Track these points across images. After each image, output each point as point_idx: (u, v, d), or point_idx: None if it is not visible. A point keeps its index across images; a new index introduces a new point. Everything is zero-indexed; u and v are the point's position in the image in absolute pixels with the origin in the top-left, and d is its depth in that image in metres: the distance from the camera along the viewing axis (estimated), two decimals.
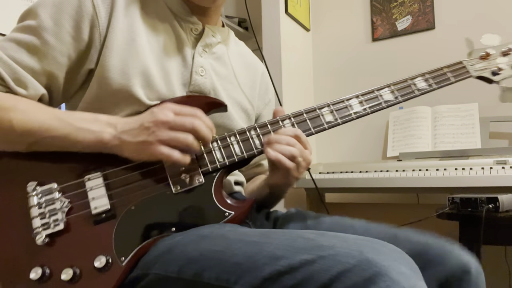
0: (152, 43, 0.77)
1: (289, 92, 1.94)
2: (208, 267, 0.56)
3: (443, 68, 0.85)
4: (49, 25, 0.70)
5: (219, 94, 0.83)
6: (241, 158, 0.72)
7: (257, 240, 0.56)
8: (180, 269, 0.58)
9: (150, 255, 0.63)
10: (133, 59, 0.73)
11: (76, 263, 0.63)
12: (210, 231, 0.63)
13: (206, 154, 0.71)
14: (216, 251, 0.57)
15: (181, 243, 0.62)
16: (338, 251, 0.49)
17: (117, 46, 0.73)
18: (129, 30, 0.74)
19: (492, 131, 1.67)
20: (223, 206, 0.70)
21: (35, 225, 0.65)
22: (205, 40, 0.82)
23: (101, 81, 0.73)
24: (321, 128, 0.76)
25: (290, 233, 0.57)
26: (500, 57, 0.88)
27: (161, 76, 0.75)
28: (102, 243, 0.65)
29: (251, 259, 0.53)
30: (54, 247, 0.65)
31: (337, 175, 1.61)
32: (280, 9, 1.95)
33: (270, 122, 0.75)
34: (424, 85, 0.82)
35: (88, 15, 0.71)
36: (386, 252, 0.50)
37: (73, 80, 0.75)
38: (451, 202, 1.24)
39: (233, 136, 0.73)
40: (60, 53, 0.71)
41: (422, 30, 1.92)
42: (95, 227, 0.66)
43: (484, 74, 0.87)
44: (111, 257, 0.64)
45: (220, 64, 0.86)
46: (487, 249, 1.27)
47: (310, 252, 0.51)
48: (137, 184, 0.69)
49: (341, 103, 0.78)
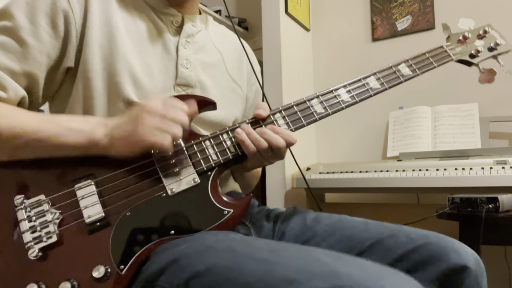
0: (134, 39, 0.76)
1: (289, 92, 1.94)
2: (217, 284, 0.54)
3: (425, 53, 0.86)
4: (25, 25, 0.68)
5: (206, 87, 0.83)
6: (235, 155, 0.72)
7: (268, 259, 0.54)
8: (186, 283, 0.56)
9: (154, 266, 0.61)
10: (115, 57, 0.72)
11: (73, 276, 0.61)
12: (215, 240, 0.61)
13: (200, 153, 0.70)
14: (224, 267, 0.55)
15: (186, 254, 0.59)
16: (355, 281, 0.47)
17: (97, 44, 0.72)
18: (107, 26, 0.73)
19: (492, 131, 1.67)
20: (221, 205, 0.68)
21: (26, 239, 0.62)
22: (186, 31, 0.82)
23: (85, 81, 0.72)
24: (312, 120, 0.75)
25: (302, 251, 0.55)
26: (477, 40, 0.91)
27: (146, 73, 0.75)
28: (99, 252, 0.62)
29: (262, 279, 0.51)
30: (48, 261, 0.62)
31: (337, 175, 1.61)
32: (280, 9, 1.95)
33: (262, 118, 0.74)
34: (408, 71, 0.83)
35: (63, 11, 0.70)
36: (406, 287, 0.48)
37: (53, 79, 0.74)
38: (451, 202, 1.24)
39: (226, 133, 0.73)
40: (39, 52, 0.69)
41: (422, 30, 1.92)
42: (90, 237, 0.63)
43: (463, 57, 0.89)
44: (110, 266, 0.61)
45: (205, 52, 0.86)
46: (487, 249, 1.27)
47: (325, 279, 0.48)
48: (131, 189, 0.67)
49: (330, 93, 0.78)
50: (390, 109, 1.89)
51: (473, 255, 0.67)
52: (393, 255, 0.68)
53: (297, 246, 0.59)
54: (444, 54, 0.87)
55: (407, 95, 1.86)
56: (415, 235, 0.69)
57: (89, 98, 0.72)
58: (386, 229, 0.72)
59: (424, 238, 0.68)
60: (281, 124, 0.74)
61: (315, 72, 2.23)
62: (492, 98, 1.72)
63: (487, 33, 0.91)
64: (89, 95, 0.72)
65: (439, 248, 0.66)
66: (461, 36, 0.90)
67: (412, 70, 0.83)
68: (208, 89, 0.83)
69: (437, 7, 1.90)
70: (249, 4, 2.51)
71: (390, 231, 0.72)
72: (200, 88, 0.82)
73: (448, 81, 1.78)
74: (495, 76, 0.89)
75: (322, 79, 2.20)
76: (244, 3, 2.57)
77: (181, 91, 0.79)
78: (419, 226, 0.75)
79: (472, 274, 0.64)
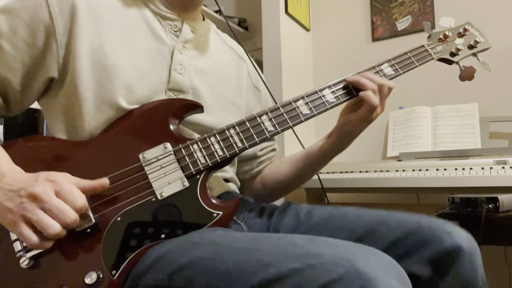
0: (127, 42, 0.76)
1: (289, 92, 1.94)
2: (198, 275, 0.55)
3: (407, 53, 0.88)
4: (4, 31, 0.70)
5: (199, 93, 0.82)
6: (223, 158, 0.72)
7: (247, 246, 0.56)
8: (170, 277, 0.57)
9: (140, 266, 0.62)
10: (106, 65, 0.72)
11: (65, 282, 0.61)
12: (200, 237, 0.62)
13: (188, 157, 0.71)
14: (206, 258, 0.56)
15: (171, 250, 0.61)
16: (327, 260, 0.49)
17: (86, 53, 0.72)
18: (96, 34, 0.73)
19: (492, 131, 1.67)
20: (210, 208, 0.69)
21: (17, 248, 0.62)
22: (184, 36, 0.82)
23: (73, 90, 0.72)
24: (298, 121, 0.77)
25: (279, 238, 0.57)
26: (457, 39, 0.92)
27: (138, 78, 0.75)
28: (90, 258, 0.63)
29: (240, 266, 0.53)
30: (40, 269, 0.62)
31: (337, 175, 1.61)
32: (280, 9, 1.95)
33: (248, 119, 0.75)
34: (390, 70, 0.85)
35: (43, 22, 0.71)
36: (376, 262, 0.49)
37: (30, 86, 0.74)
38: (451, 202, 1.24)
39: (213, 136, 0.73)
40: (13, 58, 0.71)
41: (422, 30, 1.90)
42: (81, 244, 0.63)
43: (444, 56, 0.91)
44: (102, 272, 0.62)
45: (202, 59, 0.85)
46: (487, 249, 1.27)
47: (299, 260, 0.50)
48: (120, 194, 0.67)
49: (315, 94, 0.80)
50: (390, 109, 1.89)
51: (467, 236, 0.66)
52: (385, 242, 0.69)
53: (277, 235, 0.60)
54: (425, 53, 0.89)
55: (407, 95, 1.86)
56: (406, 220, 0.69)
57: (77, 107, 0.72)
58: (377, 216, 0.73)
59: (415, 222, 0.68)
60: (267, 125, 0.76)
61: (315, 72, 2.23)
62: (492, 98, 1.72)
63: (467, 31, 0.92)
64: (77, 104, 0.72)
65: (431, 231, 0.66)
66: (441, 34, 0.92)
67: (394, 69, 0.85)
68: (201, 95, 0.83)
69: (437, 7, 1.91)
70: (249, 4, 2.51)
71: (381, 218, 0.72)
72: (192, 94, 0.82)
73: (448, 81, 1.78)
74: (475, 73, 0.90)
75: (322, 79, 2.20)
76: (244, 3, 2.57)
77: (172, 95, 0.79)
78: None
79: (466, 254, 0.64)
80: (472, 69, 0.89)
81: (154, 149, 0.70)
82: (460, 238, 0.65)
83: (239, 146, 0.73)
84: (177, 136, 0.72)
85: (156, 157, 0.70)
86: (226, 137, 0.73)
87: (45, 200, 0.57)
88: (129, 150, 0.70)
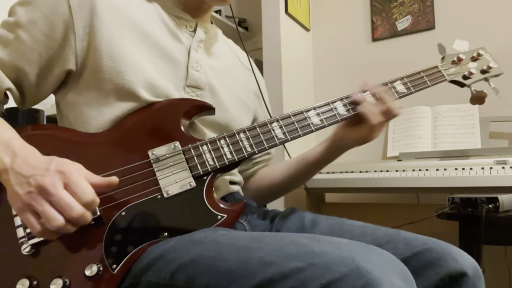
0: (145, 38, 0.76)
1: (289, 92, 1.94)
2: (200, 273, 0.55)
3: (420, 72, 0.89)
4: (23, 22, 0.72)
5: (215, 90, 0.84)
6: (232, 161, 0.72)
7: (249, 245, 0.55)
8: (172, 275, 0.57)
9: (142, 262, 0.62)
10: (124, 57, 0.73)
11: (65, 273, 0.61)
12: (203, 236, 0.62)
13: (197, 157, 0.71)
14: (207, 256, 0.56)
15: (173, 248, 0.61)
16: (329, 259, 0.49)
17: (106, 46, 0.72)
18: (115, 28, 0.74)
19: (492, 131, 1.67)
20: (216, 210, 0.69)
21: (20, 234, 0.63)
22: (199, 35, 0.84)
23: (93, 82, 0.73)
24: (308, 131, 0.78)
25: (282, 237, 0.56)
26: (470, 63, 0.94)
27: (157, 73, 0.75)
28: (92, 251, 0.63)
29: (242, 265, 0.53)
30: (41, 257, 0.62)
31: (337, 175, 1.61)
32: (280, 9, 1.95)
33: (259, 125, 0.76)
34: (403, 88, 0.86)
35: (62, 15, 0.71)
36: (379, 261, 0.49)
37: (47, 78, 0.74)
38: (451, 202, 1.24)
39: (223, 139, 0.73)
40: (30, 49, 0.71)
41: (422, 30, 1.91)
42: (84, 235, 0.63)
43: (456, 78, 0.92)
44: (102, 265, 0.62)
45: (215, 59, 0.87)
46: (487, 249, 1.27)
47: (301, 259, 0.50)
48: (127, 189, 0.67)
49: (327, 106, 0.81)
50: None
51: (471, 261, 0.67)
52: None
53: (280, 234, 0.60)
54: (438, 74, 0.90)
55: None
56: (413, 241, 0.70)
57: (95, 98, 0.73)
58: (384, 235, 0.72)
59: (422, 244, 0.69)
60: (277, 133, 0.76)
61: (315, 72, 2.23)
62: (492, 98, 1.72)
63: (480, 56, 0.94)
64: (96, 95, 0.73)
65: (437, 254, 0.67)
66: (455, 57, 0.93)
67: (407, 88, 0.86)
68: (218, 92, 0.84)
69: (437, 7, 1.90)
70: (249, 4, 2.51)
71: (388, 236, 0.72)
72: (209, 90, 0.83)
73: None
74: (486, 98, 0.91)
75: (322, 79, 2.20)
76: (244, 3, 2.57)
77: (191, 92, 0.80)
78: (419, 226, 0.75)
79: (470, 280, 0.65)
80: (483, 93, 0.91)
81: (164, 147, 0.71)
82: (466, 264, 0.66)
83: (248, 150, 0.73)
84: (188, 136, 0.73)
85: (164, 155, 0.70)
86: (236, 141, 0.74)
87: (52, 193, 0.56)
88: (139, 146, 0.71)
